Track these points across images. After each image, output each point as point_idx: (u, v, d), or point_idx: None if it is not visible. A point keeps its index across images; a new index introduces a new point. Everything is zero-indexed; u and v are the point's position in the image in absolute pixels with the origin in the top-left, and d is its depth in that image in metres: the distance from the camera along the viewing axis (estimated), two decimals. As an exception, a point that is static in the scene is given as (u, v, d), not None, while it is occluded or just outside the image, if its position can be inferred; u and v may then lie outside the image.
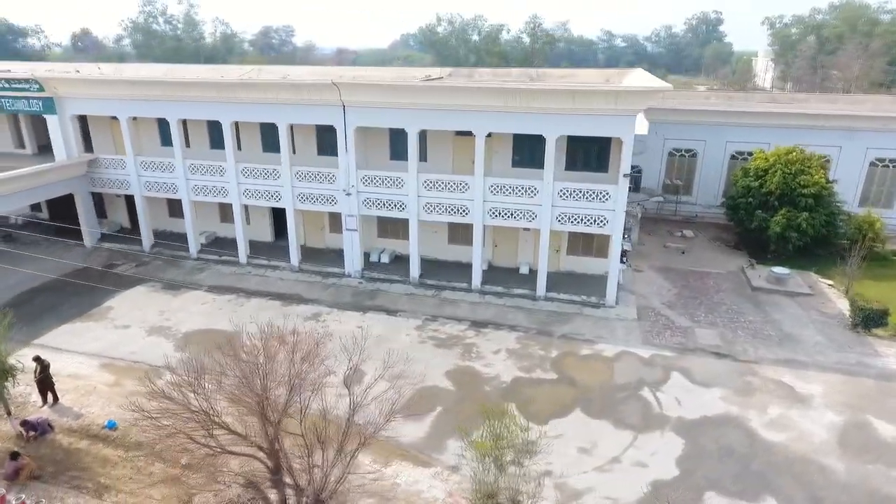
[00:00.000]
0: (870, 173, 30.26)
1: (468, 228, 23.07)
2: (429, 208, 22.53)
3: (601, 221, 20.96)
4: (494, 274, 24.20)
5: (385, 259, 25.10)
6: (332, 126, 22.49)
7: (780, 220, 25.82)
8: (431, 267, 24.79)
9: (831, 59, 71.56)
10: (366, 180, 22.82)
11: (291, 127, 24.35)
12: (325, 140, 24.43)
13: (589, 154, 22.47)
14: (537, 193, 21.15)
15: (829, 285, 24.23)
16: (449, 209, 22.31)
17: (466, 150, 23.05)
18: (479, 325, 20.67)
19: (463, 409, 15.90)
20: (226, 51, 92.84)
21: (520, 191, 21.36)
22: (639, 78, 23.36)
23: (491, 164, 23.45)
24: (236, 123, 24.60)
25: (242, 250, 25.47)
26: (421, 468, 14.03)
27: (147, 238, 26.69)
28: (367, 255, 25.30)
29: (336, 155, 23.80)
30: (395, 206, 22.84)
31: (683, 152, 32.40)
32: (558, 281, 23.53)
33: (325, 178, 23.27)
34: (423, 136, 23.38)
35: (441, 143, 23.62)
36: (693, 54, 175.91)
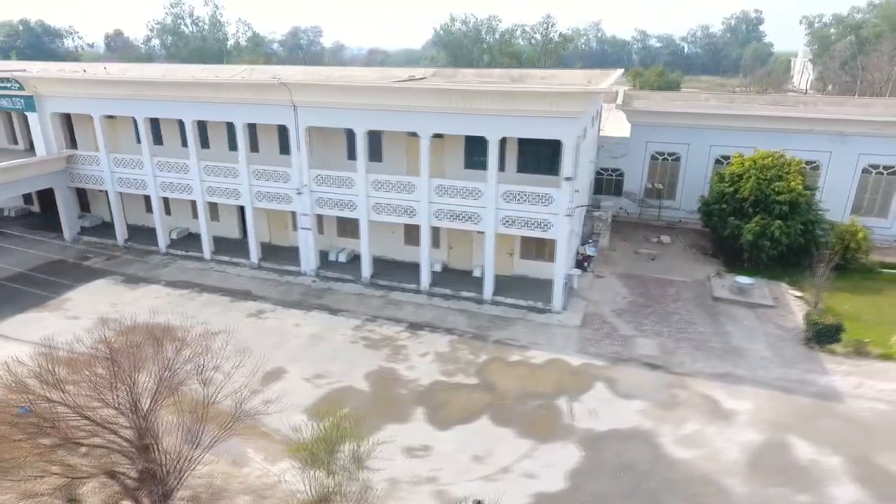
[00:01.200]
0: (862, 180, 28.70)
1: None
2: (378, 208, 22.53)
3: (545, 225, 20.54)
4: (448, 276, 24.02)
5: (342, 258, 25.23)
6: (293, 126, 22.80)
7: (752, 227, 24.75)
8: (387, 267, 24.79)
9: (868, 60, 68.13)
10: (318, 179, 22.99)
11: (255, 126, 24.80)
12: (287, 139, 24.67)
13: (540, 156, 22.05)
14: (482, 195, 20.90)
15: (798, 297, 23.10)
16: (397, 210, 22.26)
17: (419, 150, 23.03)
18: (416, 326, 20.55)
19: (371, 410, 15.85)
20: (252, 51, 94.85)
21: (465, 193, 21.14)
22: (601, 78, 22.84)
23: (444, 166, 23.32)
24: (204, 123, 25.24)
25: (206, 247, 26.03)
26: (307, 468, 14.03)
27: (121, 233, 27.56)
28: (325, 254, 25.51)
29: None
30: (346, 205, 22.93)
31: (666, 156, 31.43)
32: (510, 285, 23.19)
33: (280, 176, 23.56)
34: (377, 136, 23.47)
35: (397, 143, 23.57)
36: (731, 55, 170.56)
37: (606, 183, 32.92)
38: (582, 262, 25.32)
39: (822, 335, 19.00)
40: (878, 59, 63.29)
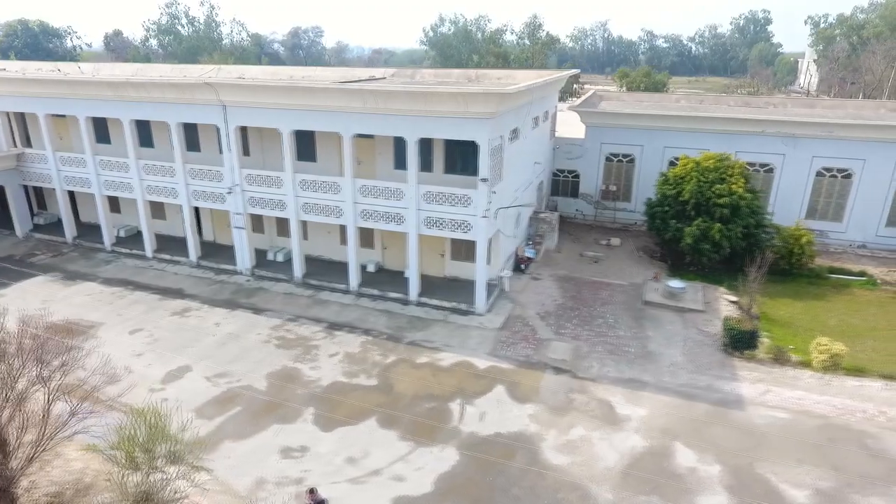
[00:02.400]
0: (816, 183, 28.15)
1: (361, 230, 22.94)
2: (307, 208, 22.56)
3: (465, 227, 20.41)
4: (381, 276, 23.99)
5: (280, 258, 25.28)
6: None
7: (693, 230, 24.40)
8: (324, 267, 24.82)
9: (862, 62, 66.85)
10: (249, 179, 23.09)
11: (195, 126, 24.96)
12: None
13: (466, 158, 21.85)
14: (404, 196, 20.82)
15: (732, 301, 22.70)
16: (324, 210, 22.26)
17: (356, 151, 23.01)
18: (336, 327, 20.53)
19: (260, 409, 15.87)
20: (248, 51, 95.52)
21: (387, 193, 21.09)
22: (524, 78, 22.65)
23: (375, 167, 23.31)
24: (149, 123, 25.47)
25: (148, 245, 26.27)
26: (184, 466, 14.04)
27: (69, 230, 27.91)
28: (264, 253, 25.63)
29: (246, 154, 24.41)
30: (277, 205, 22.99)
31: (621, 157, 31.08)
32: (440, 286, 23.10)
33: (214, 175, 23.70)
34: (310, 136, 23.52)
35: (330, 144, 23.57)
36: (738, 55, 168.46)
37: (563, 184, 32.67)
38: (519, 264, 25.15)
39: (738, 341, 18.65)
40: (871, 61, 62.12)
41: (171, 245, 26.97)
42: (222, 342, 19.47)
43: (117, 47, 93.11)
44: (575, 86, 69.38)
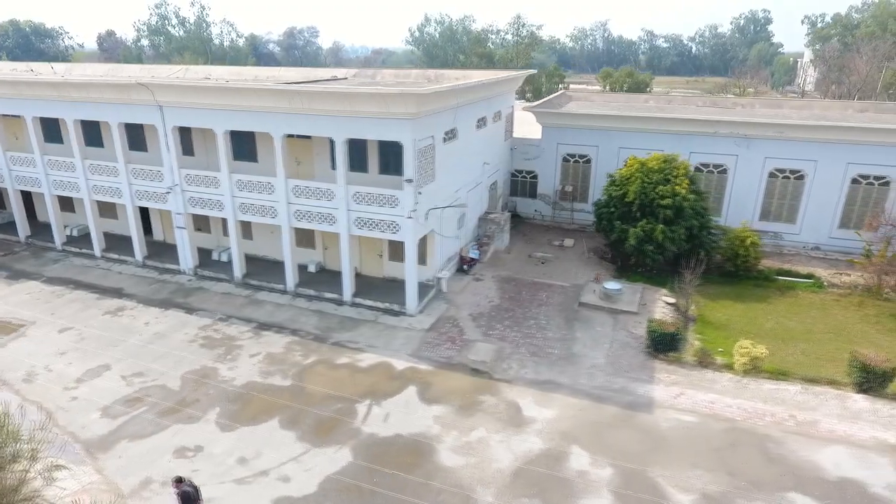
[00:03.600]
0: (769, 185, 27.88)
1: (304, 230, 22.96)
2: (244, 208, 22.60)
3: (394, 227, 20.37)
4: (322, 277, 24.00)
5: (225, 258, 25.31)
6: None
7: (636, 231, 24.24)
8: (267, 267, 24.84)
9: (848, 61, 66.16)
10: (188, 179, 23.16)
11: (141, 126, 25.05)
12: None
13: (399, 158, 21.69)
14: (335, 197, 20.82)
15: (670, 303, 22.53)
16: (260, 210, 22.30)
17: (295, 152, 23.08)
18: (265, 327, 20.55)
19: (168, 409, 15.91)
20: (240, 51, 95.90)
21: (319, 194, 21.09)
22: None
23: (313, 167, 23.33)
24: (97, 123, 25.59)
25: (96, 244, 26.41)
26: (81, 466, 14.13)
27: (22, 229, 28.11)
28: (210, 253, 25.71)
29: (190, 154, 24.52)
30: (215, 205, 23.04)
31: (577, 158, 30.92)
32: (378, 286, 23.09)
33: (155, 176, 23.79)
34: (251, 136, 23.55)
35: (271, 144, 23.52)
36: (738, 55, 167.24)
37: (521, 185, 32.57)
38: (462, 265, 25.08)
39: (659, 343, 18.50)
40: (857, 61, 61.48)
41: (121, 244, 27.08)
42: (148, 341, 19.53)
43: (110, 47, 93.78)
44: (560, 85, 69.22)
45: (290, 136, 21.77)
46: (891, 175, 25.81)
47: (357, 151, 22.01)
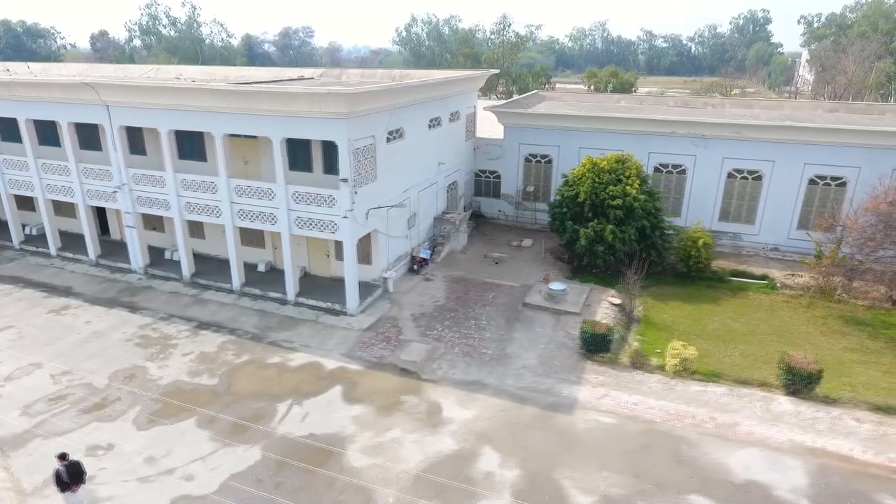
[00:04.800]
0: (728, 185, 27.71)
1: (253, 229, 22.96)
2: (189, 208, 22.65)
3: (332, 227, 20.36)
4: (271, 276, 23.99)
5: (177, 257, 25.28)
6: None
7: (587, 232, 24.15)
8: (218, 266, 24.85)
9: (835, 61, 65.71)
10: (135, 178, 23.23)
11: (95, 126, 25.12)
12: (130, 138, 24.99)
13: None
14: (275, 196, 20.83)
15: (616, 304, 22.41)
16: (205, 210, 22.34)
17: (242, 151, 23.12)
18: (204, 326, 20.57)
19: (88, 407, 15.93)
20: (232, 51, 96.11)
21: (260, 193, 21.11)
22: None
23: (261, 166, 23.32)
24: (53, 122, 25.68)
25: (52, 243, 26.53)
26: (-13, 464, 14.17)
27: (-18, 228, 28.32)
28: (163, 252, 25.78)
29: (142, 153, 24.60)
30: (162, 204, 23.11)
31: (539, 158, 30.82)
32: (324, 286, 23.08)
33: (105, 175, 23.87)
34: (199, 136, 23.57)
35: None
36: (737, 55, 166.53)
37: (485, 185, 32.50)
38: (413, 265, 25.04)
39: (590, 344, 18.39)
40: (845, 62, 61.05)
41: (77, 243, 27.12)
42: (85, 340, 19.58)
43: (102, 48, 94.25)
44: (546, 86, 69.10)
45: (237, 135, 21.84)
46: (847, 176, 25.62)
47: (302, 151, 22.03)
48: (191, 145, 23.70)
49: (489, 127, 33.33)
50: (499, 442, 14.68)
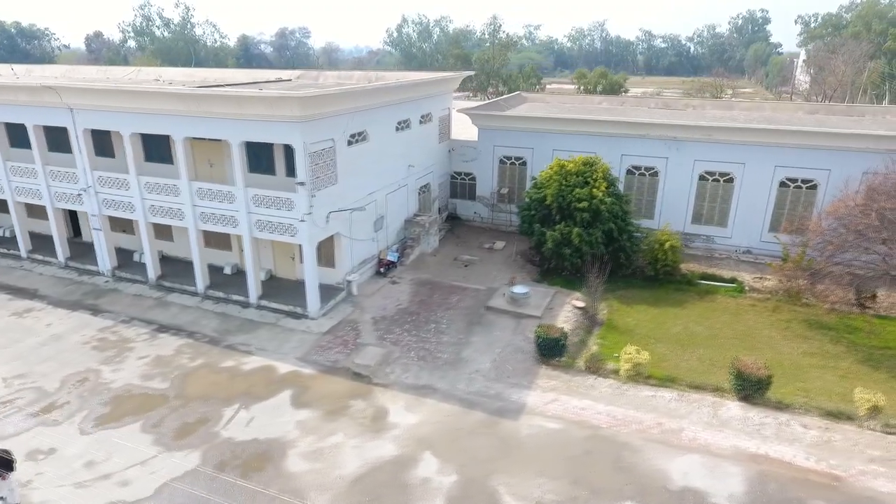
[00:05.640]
0: (700, 188, 27.59)
1: (219, 232, 22.97)
2: (153, 210, 22.68)
3: (291, 230, 20.34)
4: (237, 278, 23.96)
5: (145, 259, 25.40)
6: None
7: (554, 235, 24.09)
8: (186, 268, 24.80)
9: (824, 62, 65.38)
10: (101, 181, 23.26)
11: (64, 129, 25.19)
12: (97, 142, 25.00)
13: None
14: (235, 199, 20.83)
15: (579, 308, 22.32)
16: (168, 213, 22.37)
17: (207, 154, 23.13)
18: (164, 329, 20.59)
19: (36, 411, 15.95)
20: (226, 51, 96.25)
21: (221, 196, 21.12)
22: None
23: (225, 169, 23.31)
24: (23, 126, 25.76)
25: (22, 245, 26.61)
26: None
27: (-46, 230, 28.42)
28: (132, 254, 25.82)
29: (111, 156, 24.62)
30: (127, 207, 23.13)
31: (513, 160, 30.75)
32: (289, 288, 23.06)
33: (71, 177, 23.91)
34: (167, 138, 23.58)
35: (186, 145, 23.64)
36: (736, 55, 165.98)
37: (461, 187, 32.45)
38: (380, 268, 25.01)
39: (544, 349, 18.31)
40: (835, 62, 60.75)
41: (49, 245, 27.15)
42: (43, 343, 19.62)
43: (97, 48, 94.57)
44: (537, 86, 69.01)
45: (202, 138, 21.85)
46: (817, 178, 25.48)
47: (265, 154, 22.02)
48: (157, 148, 23.72)
49: (467, 129, 33.30)
50: (440, 447, 14.64)
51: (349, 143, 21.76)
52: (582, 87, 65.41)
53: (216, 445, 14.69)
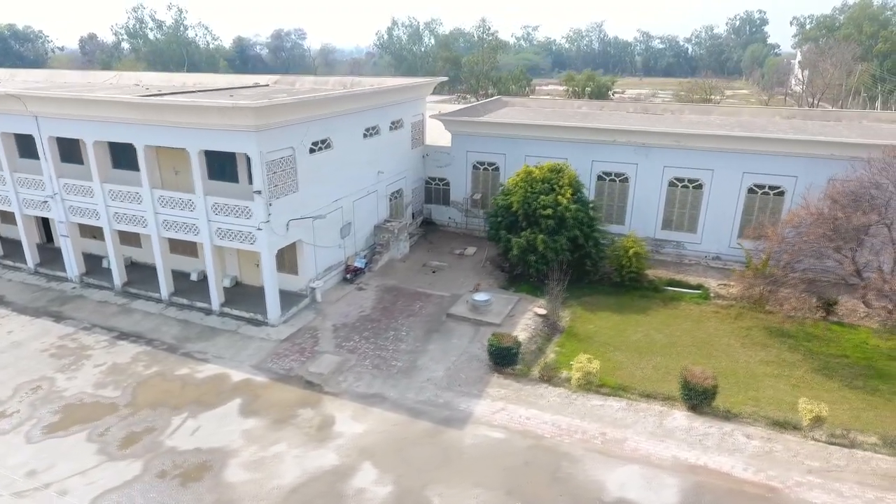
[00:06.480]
0: (670, 194, 27.60)
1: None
2: (118, 218, 22.81)
3: (250, 238, 20.44)
4: (202, 285, 23.98)
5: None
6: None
7: (520, 241, 24.14)
8: (154, 274, 24.88)
9: (811, 64, 65.29)
10: (66, 188, 23.40)
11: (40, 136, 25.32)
12: (66, 149, 25.13)
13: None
14: (196, 207, 20.93)
15: (541, 315, 22.35)
16: (132, 220, 22.49)
17: (173, 161, 23.21)
18: (124, 336, 20.68)
19: (-15, 420, 16.11)
20: (219, 53, 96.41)
21: (182, 204, 21.23)
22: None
23: (189, 177, 23.35)
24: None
25: (-7, 251, 26.83)
26: None
27: (-71, 235, 28.56)
28: (101, 260, 25.95)
29: (80, 163, 24.73)
30: (92, 214, 23.26)
31: (486, 165, 30.80)
32: (254, 295, 23.12)
33: (38, 185, 24.05)
34: (131, 146, 23.67)
35: (151, 153, 23.72)
36: (734, 56, 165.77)
37: (435, 192, 32.51)
38: (346, 274, 25.09)
39: (496, 357, 18.35)
40: (824, 64, 60.64)
41: (22, 251, 27.37)
42: (2, 350, 19.74)
43: (91, 50, 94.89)
44: (527, 89, 69.06)
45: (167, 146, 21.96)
46: (785, 185, 25.46)
47: (228, 161, 22.08)
48: (125, 155, 23.74)
49: (445, 134, 33.32)
50: (381, 457, 14.70)
51: (311, 150, 21.85)
52: (570, 90, 65.58)
53: (159, 455, 14.78)
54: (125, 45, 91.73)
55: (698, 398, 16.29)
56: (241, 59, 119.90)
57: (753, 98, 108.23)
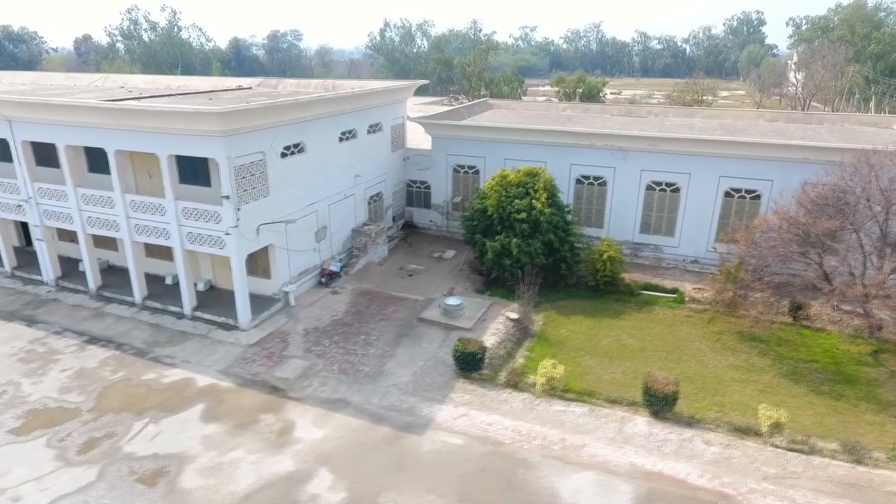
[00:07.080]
0: (647, 198, 27.58)
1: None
2: (91, 222, 22.83)
3: (220, 243, 20.45)
4: (177, 289, 24.00)
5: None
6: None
7: (494, 245, 24.15)
8: (129, 278, 24.99)
9: (804, 66, 65.18)
10: (41, 192, 23.44)
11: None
12: (42, 152, 25.17)
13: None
14: (166, 212, 20.96)
15: (513, 319, 22.34)
16: (105, 224, 22.51)
17: (147, 165, 23.24)
18: (94, 341, 20.70)
19: (-53, 426, 16.13)
20: (213, 54, 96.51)
21: (152, 209, 21.26)
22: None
23: (161, 181, 23.39)
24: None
25: (-32, 254, 26.85)
26: None
27: None
28: (78, 263, 25.98)
29: (57, 167, 24.75)
30: (66, 218, 23.30)
31: (466, 168, 30.82)
32: (227, 299, 23.09)
33: (13, 188, 24.09)
34: (104, 150, 23.72)
35: (124, 157, 23.76)
36: (731, 57, 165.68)
37: (416, 195, 32.52)
38: (321, 278, 25.10)
39: (462, 363, 18.34)
40: (815, 66, 60.55)
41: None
42: (-29, 355, 19.81)
43: (86, 52, 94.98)
44: (519, 90, 69.06)
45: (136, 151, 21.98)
46: (761, 189, 25.45)
47: (201, 166, 22.08)
48: (100, 159, 23.71)
49: (427, 137, 33.33)
50: (337, 464, 14.71)
51: (283, 154, 21.88)
52: (561, 92, 65.56)
53: (116, 461, 14.80)
54: (120, 47, 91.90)
55: (659, 404, 16.28)
56: (237, 60, 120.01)
57: (749, 99, 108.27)
